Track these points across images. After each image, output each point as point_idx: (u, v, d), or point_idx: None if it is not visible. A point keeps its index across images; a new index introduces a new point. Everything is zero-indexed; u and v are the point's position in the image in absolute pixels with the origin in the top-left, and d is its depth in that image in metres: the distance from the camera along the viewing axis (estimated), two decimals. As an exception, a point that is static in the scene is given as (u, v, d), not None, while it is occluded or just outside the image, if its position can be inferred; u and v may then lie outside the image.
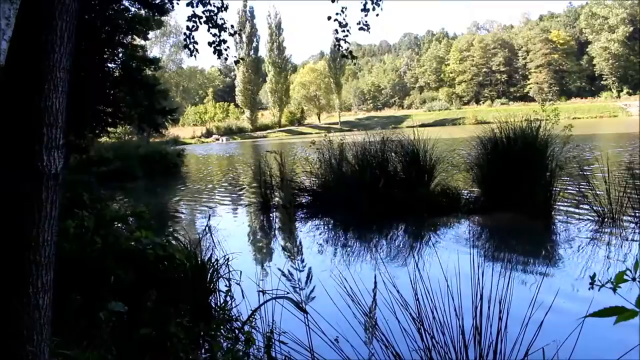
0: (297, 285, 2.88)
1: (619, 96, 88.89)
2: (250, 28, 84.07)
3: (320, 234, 8.43)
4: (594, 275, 1.45)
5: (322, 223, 9.29)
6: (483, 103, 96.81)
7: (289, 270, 2.92)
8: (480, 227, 8.28)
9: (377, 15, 8.11)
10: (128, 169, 20.35)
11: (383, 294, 3.03)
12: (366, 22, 8.07)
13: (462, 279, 3.02)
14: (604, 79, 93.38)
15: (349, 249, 7.48)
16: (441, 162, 9.90)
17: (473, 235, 7.59)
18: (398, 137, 10.11)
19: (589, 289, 1.48)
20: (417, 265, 5.85)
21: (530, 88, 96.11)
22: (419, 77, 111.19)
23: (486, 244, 7.33)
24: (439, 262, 5.76)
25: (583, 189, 8.54)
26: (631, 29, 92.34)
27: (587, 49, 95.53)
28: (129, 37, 16.70)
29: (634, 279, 1.40)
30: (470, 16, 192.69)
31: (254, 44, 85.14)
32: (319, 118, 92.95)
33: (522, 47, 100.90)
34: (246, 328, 3.75)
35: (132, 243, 4.75)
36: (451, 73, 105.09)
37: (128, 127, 28.35)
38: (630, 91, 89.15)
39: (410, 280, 3.00)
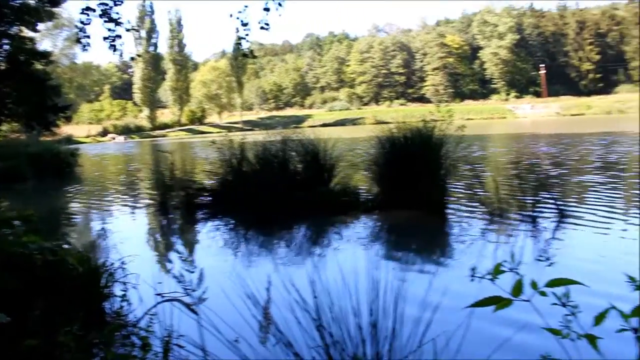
0: (189, 287, 2.82)
1: (507, 99, 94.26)
2: (150, 24, 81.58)
3: (220, 235, 8.32)
4: (474, 268, 1.52)
5: (222, 223, 9.18)
6: (382, 103, 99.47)
7: (179, 272, 2.85)
8: (378, 225, 8.48)
9: (280, 15, 8.12)
10: (16, 169, 19.10)
11: (282, 294, 3.03)
12: (267, 22, 8.06)
13: (359, 277, 3.08)
14: (494, 82, 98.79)
15: (249, 249, 7.43)
16: (341, 161, 10.06)
17: (371, 234, 7.76)
18: (299, 137, 10.17)
19: (470, 281, 1.55)
20: (316, 265, 5.90)
21: (427, 90, 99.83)
22: (321, 77, 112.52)
23: (383, 242, 7.51)
24: (338, 261, 5.87)
25: (475, 187, 8.98)
26: (518, 36, 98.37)
27: (479, 54, 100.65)
28: (16, 27, 15.69)
29: (511, 270, 1.48)
30: (370, 18, 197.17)
31: (153, 40, 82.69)
32: (220, 117, 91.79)
33: (419, 50, 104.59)
34: (143, 333, 3.63)
35: (18, 248, 4.45)
36: (352, 74, 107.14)
37: (15, 124, 26.64)
38: (518, 94, 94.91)
39: (309, 280, 3.02)
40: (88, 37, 7.99)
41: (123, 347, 3.85)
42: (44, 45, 58.12)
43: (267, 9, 7.92)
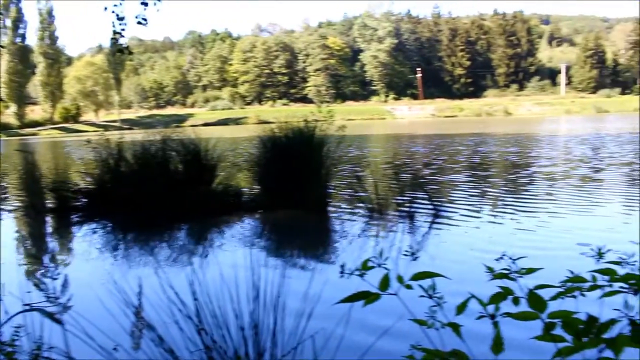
0: (53, 296, 2.68)
1: (386, 100, 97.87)
2: (17, 12, 76.06)
3: (96, 239, 7.95)
4: (344, 265, 1.58)
5: (99, 226, 8.77)
6: (265, 103, 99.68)
7: (44, 280, 2.70)
8: (260, 225, 8.48)
9: (158, 10, 7.89)
10: None
11: (162, 298, 2.96)
12: (144, 17, 7.80)
13: (241, 277, 3.07)
14: (374, 84, 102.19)
15: (127, 252, 7.16)
16: (223, 160, 9.96)
17: (253, 234, 7.76)
18: (180, 136, 9.96)
19: (340, 277, 1.61)
20: (197, 266, 5.81)
21: (310, 90, 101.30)
22: (203, 75, 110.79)
23: (266, 242, 7.53)
24: (220, 262, 5.81)
25: (355, 186, 9.23)
26: (396, 41, 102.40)
27: (360, 57, 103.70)
28: None
29: (379, 265, 1.55)
30: (253, 18, 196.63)
31: (20, 31, 77.23)
32: (97, 115, 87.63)
33: (302, 51, 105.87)
34: (8, 349, 3.38)
35: None
36: (234, 73, 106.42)
37: None
38: (396, 96, 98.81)
39: (190, 282, 2.97)
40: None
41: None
42: None
43: (144, 4, 7.65)
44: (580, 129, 37.24)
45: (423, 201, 8.71)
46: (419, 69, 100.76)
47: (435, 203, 8.46)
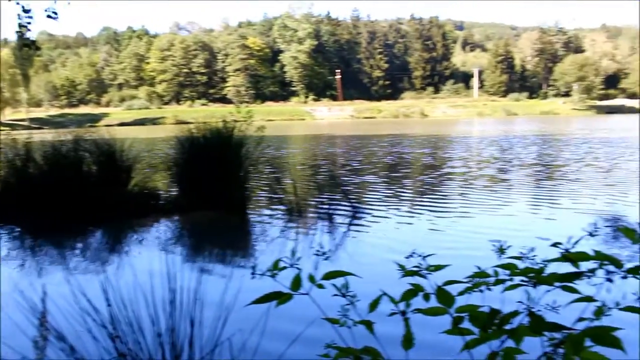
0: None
1: (306, 101, 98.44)
2: None
3: (1, 245, 7.54)
4: (255, 266, 1.59)
5: (4, 232, 8.32)
6: (184, 103, 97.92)
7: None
8: (178, 227, 8.33)
9: (69, 3, 7.62)
10: None
11: (73, 305, 2.85)
12: (55, 10, 7.51)
13: (157, 281, 3.01)
14: (293, 85, 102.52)
15: (35, 259, 6.84)
16: (140, 161, 9.71)
17: (170, 237, 7.60)
18: (93, 136, 9.61)
19: (252, 278, 1.62)
20: (111, 271, 5.64)
21: (229, 90, 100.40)
22: (118, 74, 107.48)
23: (183, 245, 7.40)
24: (135, 266, 5.66)
25: (274, 187, 9.24)
26: (316, 42, 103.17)
27: (280, 57, 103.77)
28: None
29: (292, 266, 1.56)
30: (171, 16, 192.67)
31: None
32: (2, 114, 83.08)
33: (221, 50, 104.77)
34: None
35: None
36: (152, 72, 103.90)
37: None
38: (316, 97, 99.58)
39: (103, 288, 2.88)
40: None
41: None
42: None
43: (55, -2, 7.37)
44: (491, 130, 38.93)
45: (342, 202, 8.83)
46: (338, 70, 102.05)
47: (354, 203, 8.60)
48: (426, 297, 1.57)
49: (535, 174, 13.60)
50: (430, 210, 8.79)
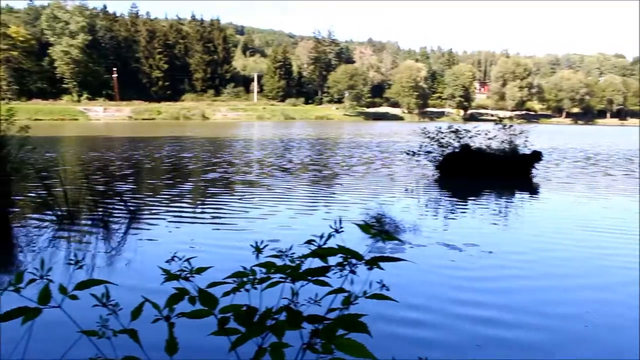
0: None
1: (79, 100, 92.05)
2: None
3: None
4: (8, 281, 1.49)
5: None
6: None
7: None
8: None
9: None
10: None
11: None
12: None
13: None
14: (65, 82, 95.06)
15: None
16: None
17: None
18: None
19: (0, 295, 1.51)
20: None
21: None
22: None
23: None
24: None
25: (43, 192, 8.53)
26: (91, 37, 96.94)
27: (49, 51, 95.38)
28: None
29: (41, 277, 1.48)
30: None
31: None
32: None
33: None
34: None
35: None
36: None
37: None
38: (90, 96, 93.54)
39: None
40: None
41: None
42: None
43: None
44: (269, 134, 40.24)
45: (118, 207, 8.49)
46: (115, 69, 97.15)
47: (130, 208, 8.33)
48: (191, 300, 1.61)
49: (313, 177, 14.42)
50: (209, 212, 8.87)
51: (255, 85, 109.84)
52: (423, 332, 4.18)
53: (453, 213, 9.80)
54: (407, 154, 15.47)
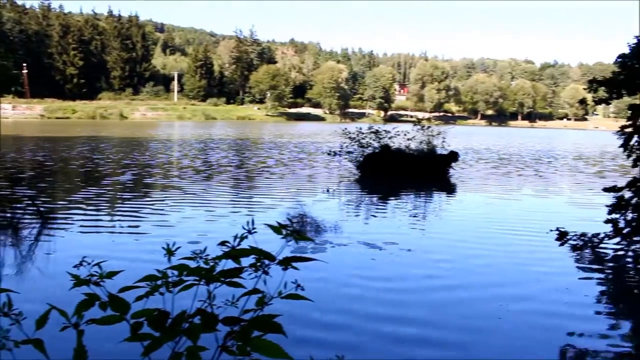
0: None
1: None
2: None
3: None
4: None
5: None
6: None
7: None
8: None
9: None
10: None
11: None
12: None
13: None
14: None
15: None
16: None
17: None
18: None
19: None
20: None
21: None
22: None
23: None
24: None
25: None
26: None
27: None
28: None
29: None
30: None
31: None
32: None
33: None
34: None
35: None
36: None
37: None
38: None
39: None
40: None
41: None
42: None
43: None
44: (188, 134, 39.54)
45: (28, 211, 8.10)
46: (25, 64, 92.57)
47: (41, 212, 7.97)
48: (102, 306, 1.55)
49: (237, 177, 14.29)
50: (120, 217, 8.63)
51: (175, 85, 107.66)
52: (340, 332, 4.23)
53: (373, 212, 9.99)
54: (329, 154, 15.65)
